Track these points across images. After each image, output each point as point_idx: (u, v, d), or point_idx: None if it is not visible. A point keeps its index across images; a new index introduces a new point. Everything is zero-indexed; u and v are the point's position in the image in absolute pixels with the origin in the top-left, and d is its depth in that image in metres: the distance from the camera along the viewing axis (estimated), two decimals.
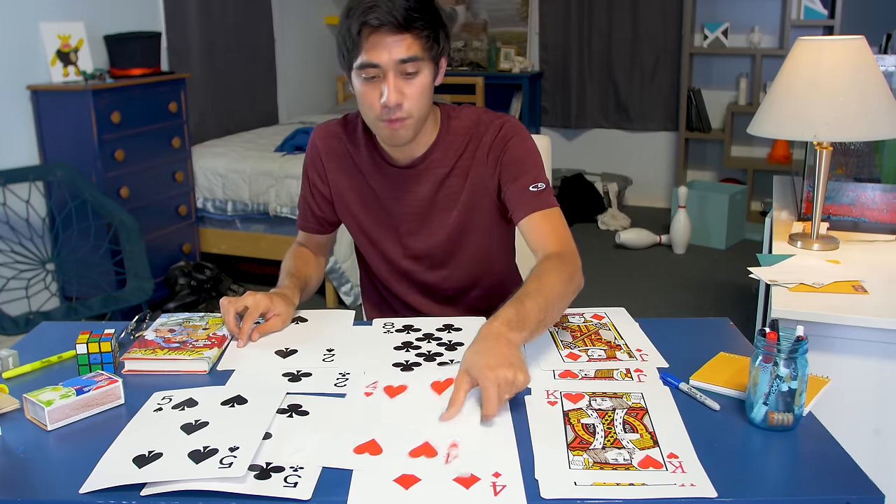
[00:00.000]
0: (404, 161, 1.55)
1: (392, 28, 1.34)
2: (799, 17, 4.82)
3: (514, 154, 1.52)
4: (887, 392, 1.60)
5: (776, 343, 1.07)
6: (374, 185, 1.58)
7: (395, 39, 1.35)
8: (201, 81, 4.43)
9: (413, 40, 1.37)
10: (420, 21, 1.36)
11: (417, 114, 1.43)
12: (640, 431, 1.07)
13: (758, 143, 5.24)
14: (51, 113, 3.35)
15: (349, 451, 1.02)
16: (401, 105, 1.39)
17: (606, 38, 5.59)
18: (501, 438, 1.05)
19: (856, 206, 2.11)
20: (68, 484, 0.96)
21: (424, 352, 1.34)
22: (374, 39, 1.35)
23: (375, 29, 1.35)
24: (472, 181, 1.55)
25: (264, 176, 3.89)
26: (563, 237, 1.46)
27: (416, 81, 1.40)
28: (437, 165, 1.55)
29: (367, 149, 1.57)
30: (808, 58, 1.84)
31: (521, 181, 1.50)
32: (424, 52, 1.39)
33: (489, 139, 1.53)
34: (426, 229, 1.59)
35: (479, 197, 1.56)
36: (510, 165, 1.52)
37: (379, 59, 1.36)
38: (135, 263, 3.31)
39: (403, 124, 1.42)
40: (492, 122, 1.54)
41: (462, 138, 1.54)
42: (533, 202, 1.48)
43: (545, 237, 1.46)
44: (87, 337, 1.28)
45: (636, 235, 4.73)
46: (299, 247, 1.70)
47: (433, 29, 1.40)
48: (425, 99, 1.43)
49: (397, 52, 1.36)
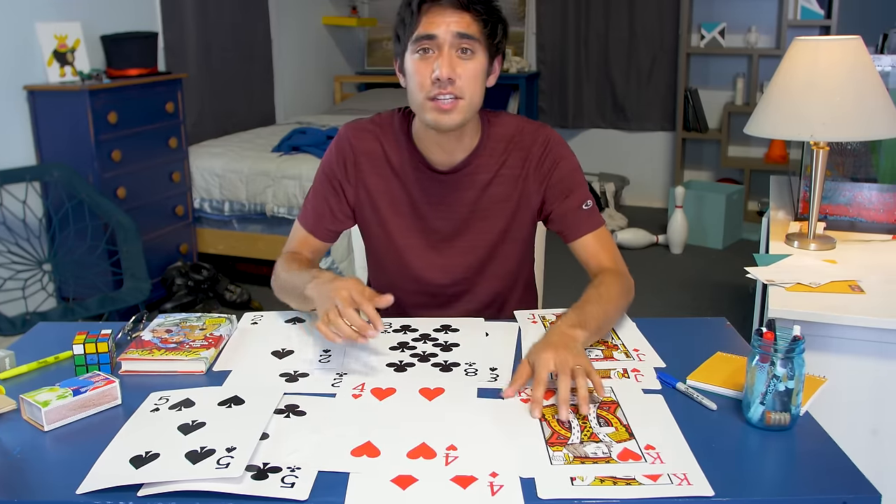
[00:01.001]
0: (446, 165, 1.50)
1: (452, 3, 1.36)
2: (795, 17, 4.82)
3: (563, 173, 1.52)
4: (884, 392, 1.61)
5: (773, 343, 1.07)
6: (410, 189, 1.52)
7: (454, 14, 1.36)
8: (198, 81, 4.43)
9: (472, 20, 1.37)
10: (481, 5, 1.37)
11: (469, 97, 1.39)
12: (615, 425, 1.09)
13: (755, 143, 5.25)
14: (47, 113, 3.34)
15: (346, 453, 1.02)
16: (453, 81, 1.36)
17: (603, 38, 5.60)
18: (498, 438, 1.05)
19: (852, 205, 2.11)
20: (65, 484, 0.96)
21: (420, 352, 1.34)
22: (433, 12, 1.36)
23: (436, 2, 1.36)
24: (518, 192, 1.52)
25: (261, 176, 3.89)
26: (616, 255, 1.54)
27: (471, 64, 1.38)
28: (480, 171, 1.51)
29: (407, 151, 1.51)
30: (805, 58, 1.85)
31: (571, 200, 1.52)
32: (482, 36, 1.38)
33: (537, 152, 1.51)
34: (465, 237, 1.54)
35: (522, 208, 1.54)
36: (559, 184, 1.52)
37: (437, 30, 1.36)
38: (132, 264, 3.31)
39: (455, 105, 1.38)
40: (536, 133, 1.52)
41: (504, 145, 1.52)
42: (587, 223, 1.52)
43: (600, 256, 1.52)
44: (83, 337, 1.28)
45: (633, 235, 4.74)
46: (294, 254, 1.56)
47: (492, 18, 1.40)
48: (478, 85, 1.40)
49: (455, 25, 1.36)
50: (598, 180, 5.51)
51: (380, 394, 1.19)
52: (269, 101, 5.17)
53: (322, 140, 4.07)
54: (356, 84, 6.12)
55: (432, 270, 1.56)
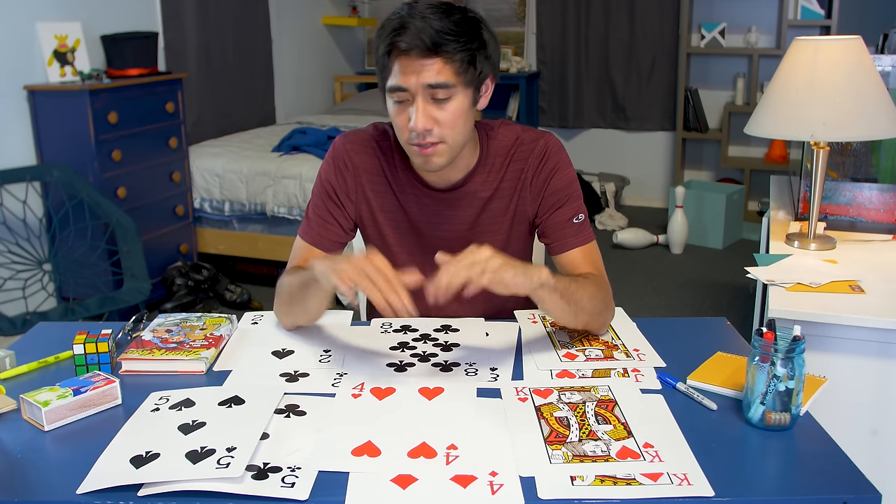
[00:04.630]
0: (444, 184, 1.47)
1: (420, 52, 1.28)
2: (796, 17, 4.82)
3: (558, 184, 1.47)
4: (884, 391, 1.61)
5: (773, 343, 1.07)
6: (407, 208, 1.48)
7: (424, 63, 1.29)
8: (198, 81, 4.43)
9: (444, 64, 1.29)
10: (453, 44, 1.29)
11: (452, 140, 1.35)
12: (613, 423, 1.09)
13: (755, 143, 5.25)
14: (48, 113, 3.34)
15: (346, 453, 1.02)
16: (430, 130, 1.32)
17: (604, 38, 5.60)
18: (498, 437, 1.05)
19: (853, 205, 2.11)
20: (65, 484, 0.96)
21: (420, 352, 1.34)
22: (402, 62, 1.30)
23: (404, 52, 1.29)
24: (514, 204, 1.49)
25: (261, 176, 3.89)
26: (601, 269, 1.47)
27: (449, 107, 1.32)
28: (479, 189, 1.47)
29: (403, 170, 1.47)
30: (805, 58, 1.85)
31: (562, 213, 1.47)
32: (457, 78, 1.31)
33: (534, 163, 1.47)
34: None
35: (520, 222, 1.51)
36: (553, 195, 1.47)
37: (406, 82, 1.30)
38: (132, 264, 3.31)
39: (436, 150, 1.34)
40: (535, 143, 1.48)
41: (502, 159, 1.48)
42: (575, 237, 1.47)
43: (584, 269, 1.45)
44: (84, 337, 1.28)
45: (633, 235, 4.74)
46: (297, 267, 1.45)
47: (469, 52, 1.31)
48: (460, 125, 1.35)
49: (425, 76, 1.29)
50: (598, 180, 5.52)
51: (380, 393, 1.19)
52: (270, 100, 5.17)
53: (322, 140, 4.07)
54: (356, 84, 6.12)
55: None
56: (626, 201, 5.71)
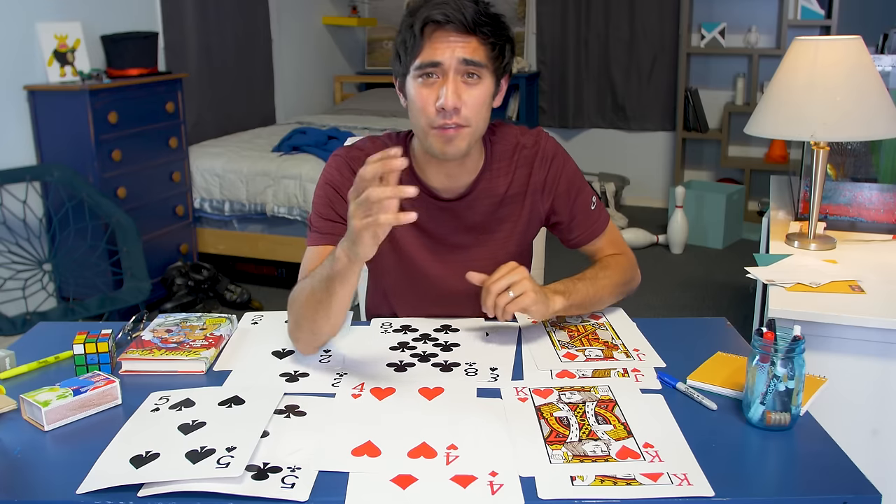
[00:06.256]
0: (451, 192, 1.46)
1: (458, 27, 1.29)
2: (796, 17, 4.82)
3: (567, 182, 1.51)
4: (884, 392, 1.61)
5: (773, 343, 1.07)
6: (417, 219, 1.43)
7: (460, 39, 1.29)
8: (198, 81, 4.43)
9: (479, 45, 1.30)
10: (488, 27, 1.30)
11: (475, 125, 1.34)
12: (613, 423, 1.09)
13: (755, 143, 5.25)
14: (48, 113, 3.35)
15: (346, 453, 1.02)
16: (458, 110, 1.30)
17: (604, 38, 5.60)
18: (498, 437, 1.05)
19: (853, 205, 2.11)
20: (65, 484, 0.96)
21: (420, 352, 1.34)
22: (438, 36, 1.29)
23: (441, 26, 1.29)
24: (527, 209, 1.50)
25: (261, 176, 3.89)
26: (622, 243, 1.60)
27: (477, 90, 1.32)
28: (487, 195, 1.48)
29: (408, 182, 1.38)
30: (805, 58, 1.85)
31: (578, 205, 1.53)
32: (489, 61, 1.32)
33: (540, 167, 1.48)
34: (469, 255, 1.49)
35: (532, 223, 1.53)
36: (565, 193, 1.51)
37: (441, 56, 1.29)
38: (132, 264, 3.31)
39: (459, 132, 1.32)
40: (535, 146, 1.49)
41: (506, 163, 1.48)
42: (596, 225, 1.55)
43: (608, 251, 1.58)
44: (84, 337, 1.28)
45: (633, 235, 4.74)
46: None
47: (500, 40, 1.33)
48: (484, 112, 1.35)
49: (461, 51, 1.29)
50: (598, 180, 5.52)
51: (379, 393, 1.19)
52: (270, 101, 5.17)
53: (322, 140, 4.07)
54: (356, 84, 6.13)
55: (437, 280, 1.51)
56: (626, 201, 5.71)
